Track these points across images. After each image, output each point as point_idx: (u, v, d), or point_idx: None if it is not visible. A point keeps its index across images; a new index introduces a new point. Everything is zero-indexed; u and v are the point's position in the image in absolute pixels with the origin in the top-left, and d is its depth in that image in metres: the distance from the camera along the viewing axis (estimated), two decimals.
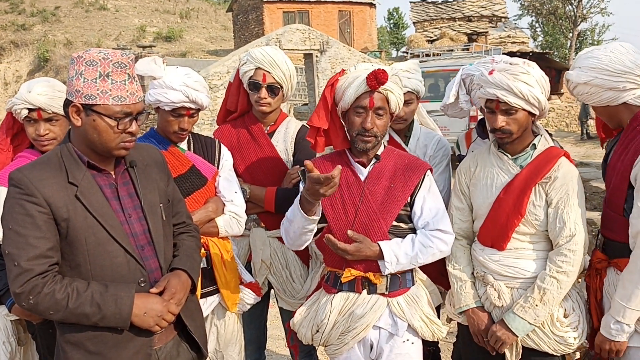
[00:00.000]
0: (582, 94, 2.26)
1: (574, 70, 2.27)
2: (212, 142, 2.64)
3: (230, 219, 2.53)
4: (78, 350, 1.76)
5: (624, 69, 2.14)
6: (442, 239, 2.26)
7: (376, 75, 2.16)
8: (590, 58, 2.22)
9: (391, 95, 2.23)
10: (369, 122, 2.21)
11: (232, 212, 2.54)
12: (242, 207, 2.58)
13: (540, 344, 2.25)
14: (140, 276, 1.83)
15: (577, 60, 2.30)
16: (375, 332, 2.29)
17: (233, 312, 2.60)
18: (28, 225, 1.67)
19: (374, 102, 2.21)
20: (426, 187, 2.30)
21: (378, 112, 2.23)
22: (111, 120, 1.74)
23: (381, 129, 2.25)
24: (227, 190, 2.56)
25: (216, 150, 2.61)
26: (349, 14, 29.30)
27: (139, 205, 1.88)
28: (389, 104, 2.25)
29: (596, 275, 2.30)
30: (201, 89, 2.45)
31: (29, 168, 1.75)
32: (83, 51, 1.77)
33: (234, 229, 2.55)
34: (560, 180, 2.21)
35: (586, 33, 36.62)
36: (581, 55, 2.30)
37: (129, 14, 32.39)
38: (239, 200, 2.58)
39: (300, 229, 2.19)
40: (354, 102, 2.23)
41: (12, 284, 1.67)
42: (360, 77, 2.21)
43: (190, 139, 2.60)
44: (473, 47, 22.40)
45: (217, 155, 2.60)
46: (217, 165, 2.58)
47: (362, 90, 2.21)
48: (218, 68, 15.66)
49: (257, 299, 2.68)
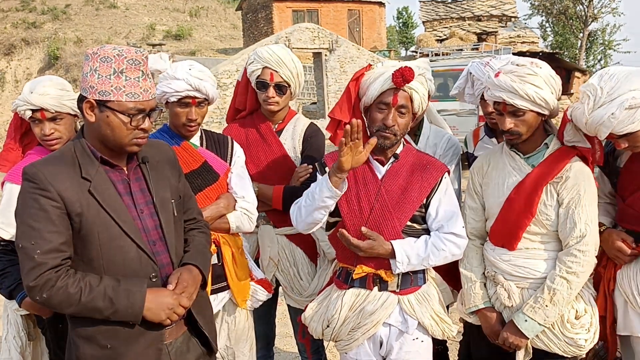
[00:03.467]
0: (626, 120, 2.02)
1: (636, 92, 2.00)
2: (225, 139, 2.64)
3: (242, 215, 2.53)
4: (90, 344, 1.77)
5: None
6: (455, 243, 2.25)
7: (402, 73, 2.16)
8: (634, 76, 2.03)
9: (415, 94, 2.23)
10: (390, 119, 2.21)
11: (244, 209, 2.54)
12: (253, 203, 2.58)
13: (550, 345, 2.24)
14: (152, 271, 1.84)
15: (622, 86, 2.02)
16: (385, 329, 2.30)
17: (243, 309, 2.61)
18: (42, 219, 1.68)
19: (398, 100, 2.21)
20: (443, 189, 2.30)
21: (401, 110, 2.23)
22: (124, 116, 1.75)
23: (402, 127, 2.25)
24: (239, 187, 2.56)
25: (229, 146, 2.61)
26: (358, 13, 29.25)
27: (151, 201, 1.89)
28: (413, 103, 2.25)
29: (612, 266, 2.28)
30: (205, 78, 2.46)
31: (43, 163, 1.77)
32: (98, 47, 1.78)
33: (245, 225, 2.55)
34: (572, 180, 2.19)
35: (597, 33, 36.26)
36: (619, 80, 2.03)
37: (139, 12, 32.50)
38: (250, 196, 2.58)
39: (320, 202, 2.19)
40: (378, 97, 2.23)
41: (25, 277, 1.69)
42: (386, 73, 2.21)
43: (202, 135, 2.61)
44: (482, 47, 22.26)
45: (229, 152, 2.60)
46: (229, 162, 2.59)
47: (386, 87, 2.21)
48: (227, 66, 15.68)
49: (268, 295, 2.68)
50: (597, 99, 2.06)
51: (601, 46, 37.33)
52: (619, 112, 2.00)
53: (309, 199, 2.25)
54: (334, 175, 2.15)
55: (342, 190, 2.19)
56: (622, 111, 2.00)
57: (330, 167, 2.23)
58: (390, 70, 2.19)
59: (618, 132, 2.06)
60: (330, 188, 2.15)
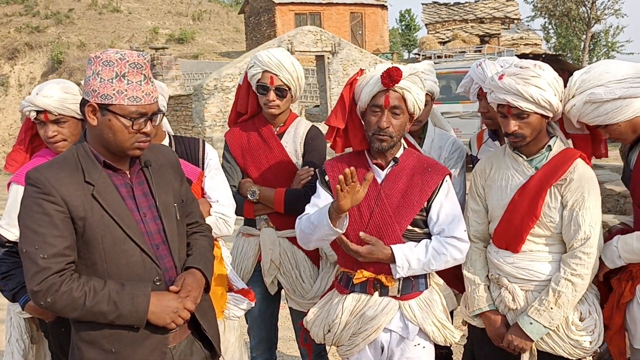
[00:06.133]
0: (611, 112, 2.14)
1: (600, 89, 2.13)
2: (196, 143, 2.58)
3: (217, 220, 2.45)
4: (94, 348, 1.77)
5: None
6: (456, 247, 2.23)
7: (390, 73, 2.15)
8: (606, 73, 2.15)
9: (408, 94, 2.22)
10: (384, 121, 2.20)
11: (218, 213, 2.47)
12: (229, 206, 2.50)
13: (555, 347, 2.23)
14: (156, 275, 1.84)
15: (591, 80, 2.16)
16: (386, 335, 2.28)
17: (221, 320, 2.50)
18: (45, 223, 1.68)
19: (390, 101, 2.20)
20: (444, 192, 2.28)
21: (394, 111, 2.22)
22: (126, 120, 1.76)
23: (397, 128, 2.23)
24: (213, 190, 2.50)
25: (199, 150, 2.56)
26: (360, 15, 29.28)
27: (154, 205, 1.89)
28: (406, 103, 2.23)
29: (628, 281, 2.23)
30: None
31: (46, 167, 1.77)
32: (100, 51, 1.78)
33: (222, 229, 2.47)
34: (576, 182, 2.18)
35: (600, 35, 36.19)
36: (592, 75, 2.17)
37: (142, 16, 32.57)
38: (225, 199, 2.50)
39: (322, 236, 2.19)
40: (370, 101, 2.23)
41: (29, 282, 1.68)
42: (376, 76, 2.21)
43: (172, 141, 2.56)
44: (485, 49, 22.25)
45: (201, 155, 2.55)
46: (201, 166, 2.53)
47: (377, 89, 2.20)
48: (230, 70, 15.70)
49: (250, 304, 2.60)
50: (569, 90, 2.22)
51: (604, 48, 37.25)
52: (580, 105, 2.16)
53: (311, 229, 2.21)
54: (335, 214, 2.09)
55: (342, 228, 2.13)
56: (583, 104, 2.15)
57: (330, 179, 2.22)
58: (380, 72, 2.19)
59: (590, 123, 2.22)
60: (332, 228, 2.10)
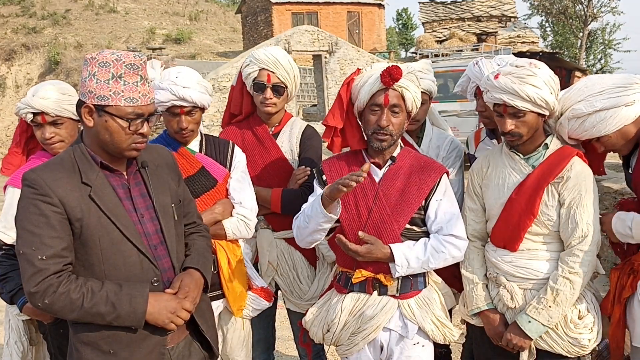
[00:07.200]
0: (597, 124, 2.18)
1: (580, 104, 2.20)
2: (225, 144, 2.61)
3: (238, 221, 2.49)
4: (92, 350, 1.77)
5: (625, 81, 2.16)
6: (455, 245, 2.24)
7: (390, 72, 2.16)
8: (585, 88, 2.21)
9: (407, 92, 2.22)
10: (384, 119, 2.21)
11: (241, 215, 2.50)
12: (252, 209, 2.54)
13: (554, 345, 2.23)
14: (153, 275, 1.84)
15: (572, 97, 2.23)
16: (385, 334, 2.28)
17: (239, 318, 2.56)
18: (42, 225, 1.68)
19: (389, 100, 2.20)
20: (441, 190, 2.28)
21: (394, 109, 2.22)
22: (123, 121, 1.75)
23: (397, 127, 2.24)
24: (237, 192, 2.53)
25: (228, 151, 2.58)
26: (357, 14, 29.26)
27: (151, 206, 1.89)
28: (405, 101, 2.24)
29: (629, 275, 2.24)
30: (193, 85, 2.41)
31: (43, 168, 1.77)
32: (96, 52, 1.78)
33: (242, 231, 2.51)
34: (573, 180, 2.19)
35: (597, 32, 36.26)
36: (572, 92, 2.25)
37: (139, 16, 32.52)
38: (249, 202, 2.54)
39: (317, 225, 2.19)
40: (369, 100, 2.23)
41: (26, 283, 1.68)
42: (375, 74, 2.21)
43: (202, 140, 2.59)
44: (482, 48, 22.25)
45: (229, 157, 2.57)
46: (228, 167, 2.56)
47: (377, 88, 2.21)
48: (227, 70, 15.71)
49: (267, 304, 2.63)
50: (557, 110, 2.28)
51: (601, 45, 37.32)
52: (565, 122, 2.25)
53: (306, 221, 2.23)
54: (327, 200, 2.12)
55: (336, 214, 2.17)
56: (568, 121, 2.23)
57: (327, 179, 2.25)
58: (379, 71, 2.19)
59: (581, 138, 2.27)
60: (325, 214, 2.13)
